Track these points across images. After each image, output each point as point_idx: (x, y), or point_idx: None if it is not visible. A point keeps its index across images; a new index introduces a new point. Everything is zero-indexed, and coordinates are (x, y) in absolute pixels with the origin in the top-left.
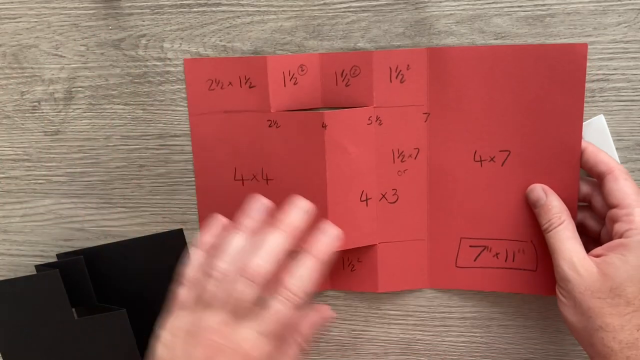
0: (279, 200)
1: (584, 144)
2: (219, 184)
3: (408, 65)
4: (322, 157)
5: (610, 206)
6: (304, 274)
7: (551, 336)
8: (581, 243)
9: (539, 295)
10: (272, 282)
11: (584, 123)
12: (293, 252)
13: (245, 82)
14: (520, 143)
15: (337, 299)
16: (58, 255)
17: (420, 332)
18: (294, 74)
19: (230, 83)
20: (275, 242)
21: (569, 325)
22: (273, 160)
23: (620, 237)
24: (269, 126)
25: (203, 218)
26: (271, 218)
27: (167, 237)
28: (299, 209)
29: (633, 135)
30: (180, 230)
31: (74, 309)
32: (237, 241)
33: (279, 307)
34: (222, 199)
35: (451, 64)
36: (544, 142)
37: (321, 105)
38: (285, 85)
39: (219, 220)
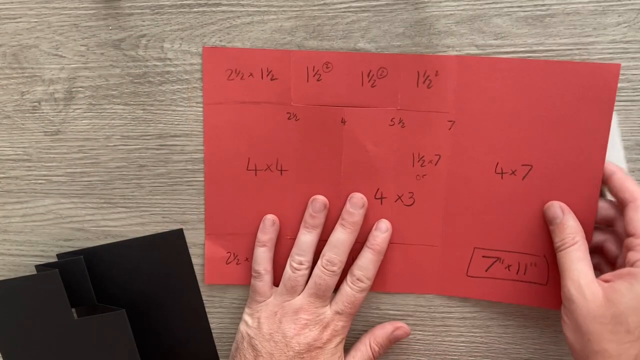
0: (291, 190)
1: (613, 167)
2: (230, 174)
3: (437, 72)
4: (338, 152)
5: (628, 234)
6: (367, 264)
7: (551, 336)
8: (591, 266)
9: None
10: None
11: None
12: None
13: (267, 74)
14: (543, 158)
15: None
16: (58, 255)
17: (420, 332)
18: (318, 70)
19: (251, 74)
20: (344, 238)
21: (569, 344)
22: (289, 151)
23: (632, 265)
24: (288, 118)
25: (209, 206)
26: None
27: (167, 237)
28: (358, 207)
29: (633, 135)
30: (180, 230)
31: (73, 309)
32: (306, 236)
33: (349, 291)
34: (231, 188)
35: (480, 73)
36: (567, 160)
37: (344, 103)
38: (308, 81)
39: (269, 219)
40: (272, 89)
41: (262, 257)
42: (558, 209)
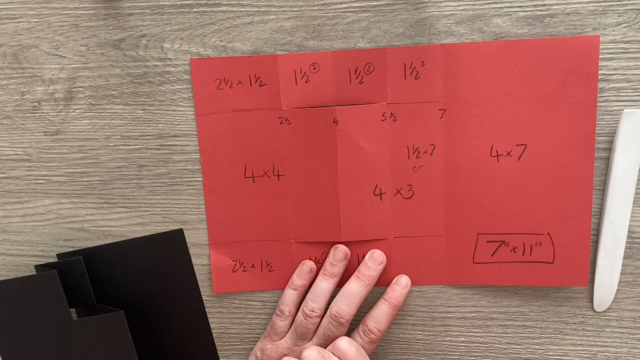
0: (290, 194)
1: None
2: (228, 182)
3: (423, 62)
4: (334, 152)
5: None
6: (381, 316)
7: (551, 336)
8: None
9: (539, 295)
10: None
11: (624, 111)
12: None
13: (256, 81)
14: (537, 136)
15: None
16: (58, 255)
17: (420, 332)
18: (305, 72)
19: (239, 82)
20: (357, 290)
21: None
22: (285, 156)
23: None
24: (280, 123)
25: (211, 216)
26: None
27: (167, 237)
28: (377, 262)
29: None
30: (180, 230)
31: (74, 309)
32: (323, 283)
33: (359, 341)
34: (231, 196)
35: (466, 59)
36: (559, 134)
37: (334, 102)
38: (296, 83)
39: (307, 265)
40: (262, 95)
41: (290, 300)
42: None
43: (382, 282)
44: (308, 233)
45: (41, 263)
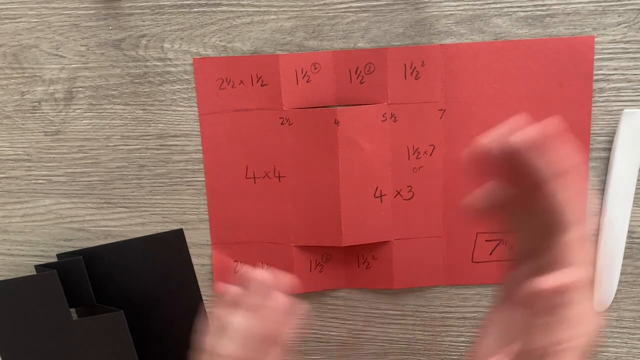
0: (291, 196)
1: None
2: (230, 183)
3: (423, 62)
4: (334, 153)
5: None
6: None
7: None
8: None
9: None
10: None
11: (624, 111)
12: None
13: (257, 81)
14: None
15: (337, 299)
16: (58, 255)
17: (420, 332)
18: (306, 72)
19: (241, 82)
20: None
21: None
22: (285, 157)
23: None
24: (282, 124)
25: (213, 217)
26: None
27: (167, 237)
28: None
29: None
30: (180, 230)
31: (74, 309)
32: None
33: None
34: (233, 197)
35: (466, 60)
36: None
37: (335, 102)
38: (297, 83)
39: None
40: (264, 95)
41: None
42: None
43: (383, 285)
44: (308, 237)
45: (41, 263)
